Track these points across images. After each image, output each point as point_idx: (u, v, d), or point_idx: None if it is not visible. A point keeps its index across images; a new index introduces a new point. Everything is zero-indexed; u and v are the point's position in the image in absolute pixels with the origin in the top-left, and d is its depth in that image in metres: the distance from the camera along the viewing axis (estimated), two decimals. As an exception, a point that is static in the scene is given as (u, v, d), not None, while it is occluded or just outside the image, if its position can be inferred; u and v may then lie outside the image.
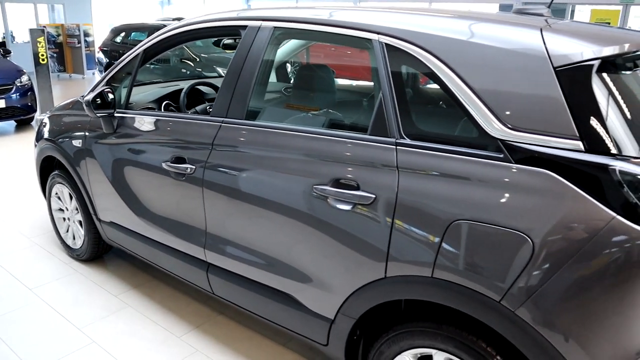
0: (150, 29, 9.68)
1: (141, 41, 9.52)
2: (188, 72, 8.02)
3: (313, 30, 2.03)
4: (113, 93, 2.68)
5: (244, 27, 2.23)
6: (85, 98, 2.62)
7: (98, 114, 2.64)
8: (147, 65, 2.88)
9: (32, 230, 3.95)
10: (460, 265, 1.54)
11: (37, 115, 7.82)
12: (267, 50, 2.12)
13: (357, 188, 1.75)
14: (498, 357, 1.57)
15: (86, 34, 13.62)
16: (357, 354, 2.01)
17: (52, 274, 3.27)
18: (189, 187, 2.30)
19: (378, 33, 1.80)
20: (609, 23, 9.64)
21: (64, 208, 3.45)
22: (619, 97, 1.48)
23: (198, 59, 7.66)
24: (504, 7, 13.03)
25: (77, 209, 3.28)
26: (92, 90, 3.07)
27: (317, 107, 2.28)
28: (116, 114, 2.72)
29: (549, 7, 2.07)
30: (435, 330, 1.69)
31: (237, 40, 2.93)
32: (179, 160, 2.34)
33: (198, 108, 3.01)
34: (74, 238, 3.45)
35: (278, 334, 2.66)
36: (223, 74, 6.30)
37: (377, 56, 1.79)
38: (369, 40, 1.82)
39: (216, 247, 2.29)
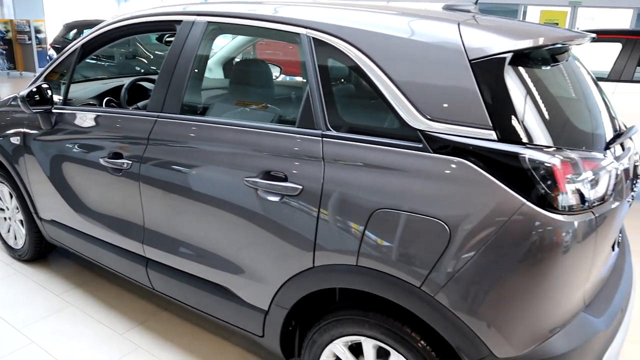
0: (104, 26, 9.46)
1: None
2: (142, 70, 7.86)
3: (245, 25, 2.06)
4: (50, 89, 2.64)
5: (179, 21, 2.23)
6: (20, 94, 2.57)
7: (34, 110, 2.59)
8: (101, 63, 2.84)
9: (-27, 231, 3.82)
10: (382, 253, 1.60)
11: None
12: (201, 45, 2.13)
13: (285, 179, 1.79)
14: (422, 342, 1.63)
15: (37, 30, 13.18)
16: (294, 345, 2.05)
17: (-9, 275, 3.18)
18: (126, 183, 2.29)
19: (306, 27, 1.84)
20: (557, 24, 10.00)
21: (4, 207, 3.36)
22: (531, 89, 1.55)
23: (152, 56, 7.53)
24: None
25: (17, 208, 3.20)
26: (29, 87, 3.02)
27: (250, 101, 2.31)
28: (54, 110, 2.68)
29: (475, 3, 2.15)
30: (363, 317, 1.74)
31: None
32: (117, 155, 2.32)
33: (140, 104, 2.99)
34: (15, 238, 3.36)
35: (221, 328, 2.67)
36: None
37: (305, 50, 1.82)
38: (298, 34, 1.86)
39: (154, 242, 2.29)
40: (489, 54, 1.51)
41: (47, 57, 10.78)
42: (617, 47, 5.11)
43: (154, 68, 7.73)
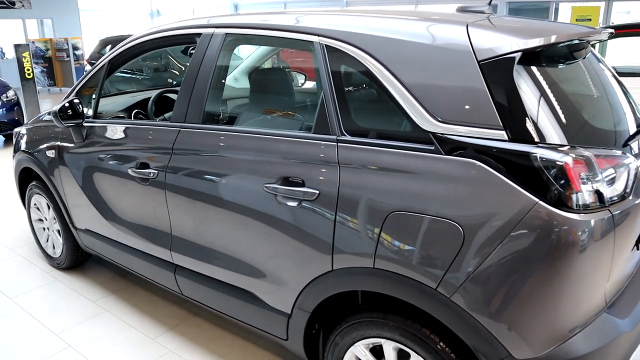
0: (136, 40, 9.75)
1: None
2: (175, 82, 8.07)
3: (261, 35, 2.11)
4: (81, 103, 2.76)
5: (199, 34, 2.30)
6: (53, 109, 2.70)
7: (66, 124, 2.71)
8: (135, 76, 2.95)
9: (14, 241, 4.01)
10: (398, 255, 1.61)
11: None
12: (220, 56, 2.20)
13: (303, 185, 1.82)
14: (441, 344, 1.63)
15: (75, 47, 13.72)
16: (318, 348, 2.08)
17: (32, 283, 3.33)
18: (153, 191, 2.38)
19: (319, 35, 1.88)
20: (589, 19, 9.73)
21: (42, 218, 3.52)
22: (543, 87, 1.54)
23: (182, 68, 7.72)
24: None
25: (55, 219, 3.35)
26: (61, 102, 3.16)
27: (268, 109, 2.36)
28: (85, 124, 2.80)
29: (489, 4, 2.15)
30: (382, 319, 1.75)
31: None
32: (144, 165, 2.41)
33: (166, 115, 3.09)
34: (53, 247, 3.51)
35: (249, 332, 2.72)
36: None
37: (319, 57, 1.86)
38: (311, 42, 1.90)
39: (181, 249, 2.36)
40: (498, 54, 1.51)
41: (85, 73, 11.22)
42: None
43: (171, 80, 7.93)
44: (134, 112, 3.14)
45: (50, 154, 3.08)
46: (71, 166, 2.92)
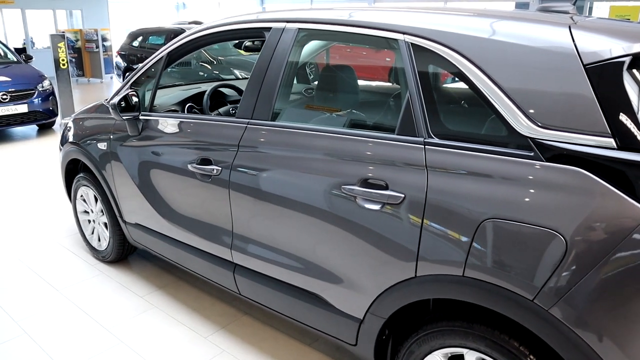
0: (168, 33, 9.77)
1: (159, 45, 9.71)
2: (206, 75, 8.09)
3: (338, 31, 2.04)
4: (137, 96, 2.72)
5: (268, 29, 2.24)
6: (111, 101, 2.66)
7: (124, 117, 2.67)
8: (167, 69, 2.91)
9: (58, 232, 4.02)
10: (492, 263, 1.54)
11: (59, 120, 7.96)
12: (291, 52, 2.13)
13: (386, 187, 1.75)
14: (531, 357, 1.56)
15: (104, 39, 13.82)
16: (386, 354, 2.01)
17: (79, 276, 3.32)
18: (215, 188, 2.32)
19: (404, 33, 1.81)
20: (628, 19, 9.49)
21: (89, 210, 3.50)
22: None
23: (215, 62, 7.71)
24: (520, 6, 12.90)
25: (102, 211, 3.33)
26: (116, 94, 3.13)
27: (342, 108, 2.29)
28: (141, 117, 2.76)
29: (574, 4, 2.05)
30: (467, 329, 1.68)
31: (255, 43, 2.97)
32: (205, 161, 2.36)
33: (221, 110, 3.04)
34: (99, 240, 3.50)
35: (304, 333, 2.67)
36: (240, 77, 6.33)
37: (404, 56, 1.79)
38: (395, 40, 1.83)
39: (243, 248, 2.31)
40: (607, 58, 1.43)
41: (114, 64, 11.27)
42: None
43: (217, 73, 7.93)
44: (187, 106, 3.09)
45: (102, 146, 3.05)
46: (124, 159, 2.88)
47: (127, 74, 10.44)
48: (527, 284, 1.48)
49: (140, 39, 10.32)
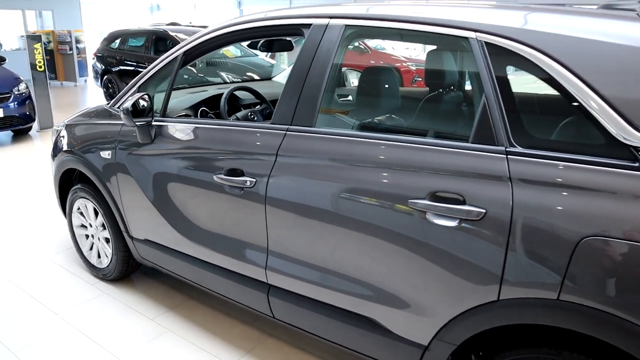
0: (149, 35, 9.40)
1: (139, 47, 9.38)
2: (190, 78, 7.76)
3: (393, 29, 1.84)
4: (150, 99, 2.46)
5: (307, 25, 2.03)
6: (123, 106, 2.39)
7: (137, 123, 2.42)
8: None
9: (48, 248, 3.69)
10: (593, 287, 1.36)
11: (36, 126, 7.55)
12: (338, 51, 1.93)
13: (463, 202, 1.57)
14: None
15: (77, 41, 13.28)
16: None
17: (78, 297, 3.02)
18: (247, 202, 2.09)
19: (476, 31, 1.63)
20: None
21: (87, 224, 3.21)
22: None
23: (200, 65, 7.40)
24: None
25: (103, 226, 3.05)
26: (121, 98, 2.86)
27: (399, 114, 2.09)
28: (154, 123, 2.51)
29: (640, 1, 1.91)
30: (555, 357, 1.51)
31: (274, 43, 2.75)
32: (234, 172, 2.13)
33: (239, 115, 2.80)
34: (99, 256, 3.21)
35: (338, 355, 2.45)
36: (227, 80, 6.05)
37: (477, 56, 1.61)
38: (466, 38, 1.65)
39: (280, 268, 2.08)
40: None
41: (91, 67, 10.79)
42: None
43: (202, 75, 7.61)
44: (200, 110, 2.85)
45: (106, 155, 2.77)
46: (134, 170, 2.62)
47: (105, 77, 10.02)
48: (637, 309, 1.31)
49: (119, 40, 9.91)
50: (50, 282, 3.19)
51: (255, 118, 2.88)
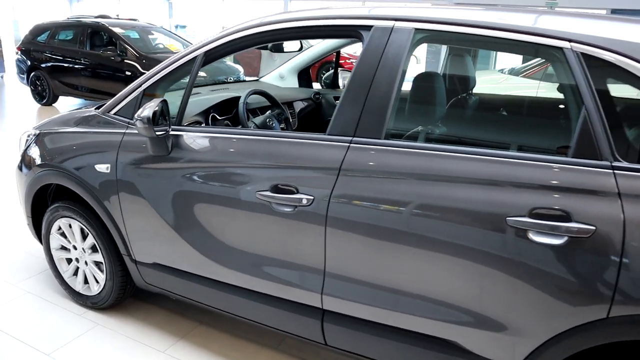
0: (83, 28, 8.65)
1: (69, 41, 8.73)
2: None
3: (473, 35, 1.72)
4: (168, 106, 2.18)
5: (368, 27, 1.86)
6: (143, 114, 2.08)
7: (157, 133, 2.12)
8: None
9: (14, 274, 3.22)
10: None
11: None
12: (407, 57, 1.78)
13: (569, 219, 1.49)
14: None
15: (-9, 33, 12.01)
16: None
17: (67, 332, 2.65)
18: (301, 222, 1.89)
19: (570, 40, 1.56)
20: None
21: (69, 247, 2.83)
22: None
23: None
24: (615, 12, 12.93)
25: (93, 248, 2.69)
26: (117, 103, 2.52)
27: (489, 125, 1.97)
28: (171, 132, 2.22)
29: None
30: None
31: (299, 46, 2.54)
32: (283, 189, 1.92)
33: (257, 121, 2.57)
34: (85, 282, 2.84)
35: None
36: (215, 81, 5.70)
37: (574, 67, 1.56)
38: (559, 48, 1.58)
39: (340, 293, 1.90)
40: None
41: (16, 63, 9.75)
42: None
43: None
44: (211, 116, 2.58)
45: (103, 169, 2.43)
46: (143, 187, 2.31)
47: (32, 74, 9.12)
48: None
49: (47, 34, 9.04)
50: (29, 316, 2.78)
51: (273, 124, 2.65)
